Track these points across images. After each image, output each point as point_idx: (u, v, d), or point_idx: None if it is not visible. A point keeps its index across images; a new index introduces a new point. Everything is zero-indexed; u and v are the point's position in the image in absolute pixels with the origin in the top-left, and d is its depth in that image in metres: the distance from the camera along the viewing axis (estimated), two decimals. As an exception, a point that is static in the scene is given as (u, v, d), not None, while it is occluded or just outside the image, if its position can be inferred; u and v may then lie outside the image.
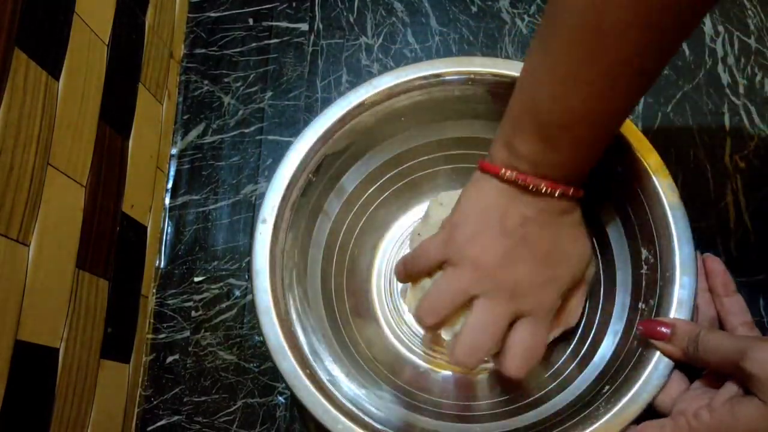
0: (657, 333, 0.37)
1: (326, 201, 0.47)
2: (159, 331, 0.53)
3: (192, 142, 0.58)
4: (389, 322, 0.50)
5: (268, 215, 0.42)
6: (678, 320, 0.37)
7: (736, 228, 0.51)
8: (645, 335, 0.37)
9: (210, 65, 0.60)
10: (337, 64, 0.59)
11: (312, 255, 0.46)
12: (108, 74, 0.47)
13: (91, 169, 0.45)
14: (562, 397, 0.41)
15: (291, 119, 0.58)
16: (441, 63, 0.44)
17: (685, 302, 0.38)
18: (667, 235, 0.39)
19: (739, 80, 0.55)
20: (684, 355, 0.36)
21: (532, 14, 0.59)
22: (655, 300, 0.39)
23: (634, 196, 0.41)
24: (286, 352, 0.39)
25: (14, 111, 0.37)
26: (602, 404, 0.37)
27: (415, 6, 0.60)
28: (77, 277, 0.43)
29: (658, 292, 0.39)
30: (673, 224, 0.39)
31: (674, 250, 0.39)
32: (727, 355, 0.33)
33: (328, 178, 0.46)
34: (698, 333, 0.35)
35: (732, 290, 0.39)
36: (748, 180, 0.52)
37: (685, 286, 0.38)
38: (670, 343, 0.36)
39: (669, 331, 0.36)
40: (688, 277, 0.38)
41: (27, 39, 0.38)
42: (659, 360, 0.37)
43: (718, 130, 0.53)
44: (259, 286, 0.40)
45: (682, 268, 0.38)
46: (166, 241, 0.56)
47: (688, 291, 0.38)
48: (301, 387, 0.38)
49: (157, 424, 0.51)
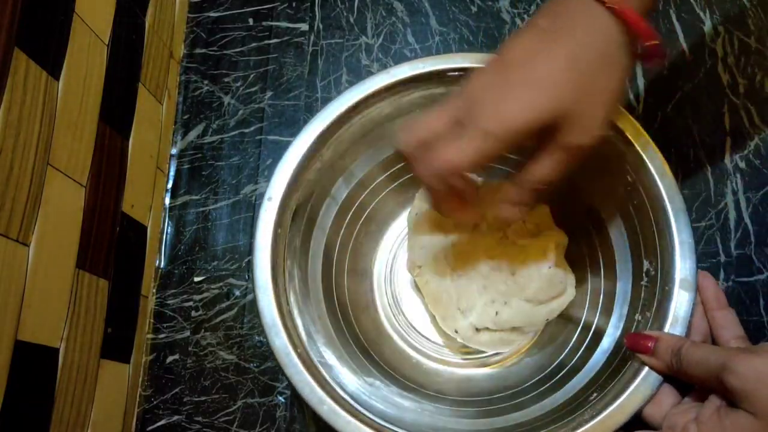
0: (640, 346, 0.37)
1: (334, 185, 0.47)
2: (159, 331, 0.53)
3: (192, 142, 0.58)
4: (386, 310, 0.50)
5: (274, 193, 0.42)
6: (663, 334, 0.37)
7: (736, 228, 0.51)
8: (630, 348, 0.37)
9: (210, 65, 0.60)
10: (337, 64, 0.59)
11: (316, 237, 0.46)
12: (108, 74, 0.47)
13: (91, 169, 0.45)
14: (549, 400, 0.42)
15: (291, 119, 0.58)
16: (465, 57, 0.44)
17: (681, 318, 0.38)
18: (669, 249, 0.39)
19: (739, 80, 0.55)
20: (668, 369, 0.36)
21: (531, 14, 0.59)
22: (651, 313, 0.39)
23: (642, 207, 0.41)
24: (279, 330, 0.39)
25: (14, 111, 0.37)
26: (588, 410, 0.37)
27: (415, 6, 0.60)
28: (77, 277, 0.43)
29: (655, 306, 0.39)
30: (677, 239, 0.39)
31: (675, 264, 0.39)
32: (709, 368, 0.33)
33: (338, 161, 0.46)
34: (681, 346, 0.35)
35: (724, 304, 0.39)
36: (748, 180, 0.52)
37: (682, 303, 0.38)
38: (654, 357, 0.36)
39: (652, 345, 0.36)
40: (687, 293, 0.38)
41: (27, 39, 0.38)
42: (648, 373, 0.37)
43: (718, 130, 0.53)
44: (260, 262, 0.40)
45: (682, 284, 0.38)
46: (166, 241, 0.56)
47: (686, 307, 0.38)
48: (290, 365, 0.38)
49: (157, 424, 0.51)
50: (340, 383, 0.39)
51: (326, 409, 0.37)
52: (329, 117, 0.43)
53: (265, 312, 0.39)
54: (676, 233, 0.39)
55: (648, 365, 0.37)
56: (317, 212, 0.46)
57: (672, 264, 0.39)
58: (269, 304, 0.39)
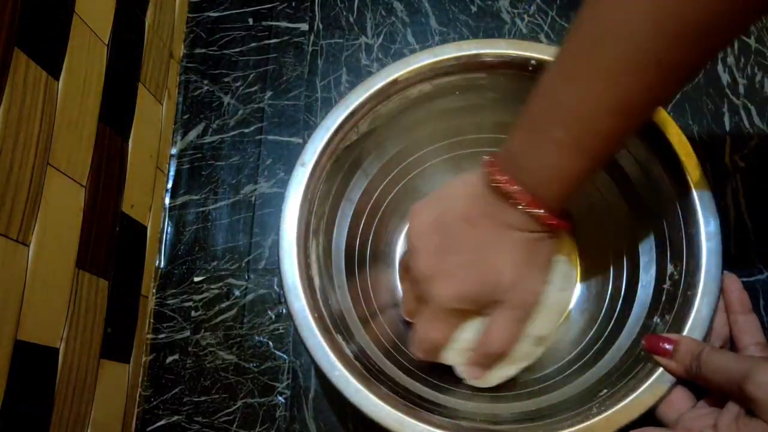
0: (659, 349, 0.36)
1: (367, 159, 0.47)
2: (159, 331, 0.53)
3: (192, 142, 0.58)
4: None
5: (308, 158, 0.42)
6: (683, 337, 0.37)
7: (736, 228, 0.51)
8: (648, 350, 0.37)
9: (210, 65, 0.60)
10: (337, 64, 0.59)
11: (343, 208, 0.46)
12: (108, 74, 0.47)
13: (91, 169, 0.45)
14: (557, 393, 0.41)
15: (291, 119, 0.58)
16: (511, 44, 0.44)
17: (700, 325, 0.37)
18: (696, 255, 0.38)
19: (739, 80, 0.55)
20: (686, 373, 0.35)
21: (531, 14, 0.59)
22: (671, 316, 0.39)
23: (672, 211, 0.41)
24: (299, 293, 0.39)
25: (14, 111, 0.37)
26: (596, 406, 0.37)
27: (415, 6, 0.60)
28: (77, 277, 0.43)
29: (676, 309, 0.38)
30: (704, 245, 0.38)
31: (701, 270, 0.38)
32: (729, 375, 0.33)
33: (373, 135, 0.46)
34: (702, 351, 0.35)
35: (748, 308, 0.39)
36: (748, 180, 0.52)
37: (703, 309, 0.37)
38: (673, 360, 0.36)
39: (671, 348, 0.36)
40: (709, 299, 0.37)
41: (27, 39, 0.38)
42: (662, 374, 0.36)
43: (718, 130, 0.53)
44: (286, 225, 0.40)
45: (705, 290, 0.37)
46: (166, 241, 0.56)
47: (706, 314, 0.37)
48: (306, 328, 0.38)
49: (157, 424, 0.51)
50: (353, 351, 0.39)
51: (338, 375, 0.37)
52: (370, 89, 0.43)
53: (287, 274, 0.39)
54: (704, 240, 0.38)
55: (665, 368, 0.36)
56: (347, 183, 0.46)
57: (698, 270, 0.38)
58: (292, 267, 0.39)
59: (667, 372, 0.36)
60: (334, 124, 0.43)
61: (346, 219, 0.46)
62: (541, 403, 0.41)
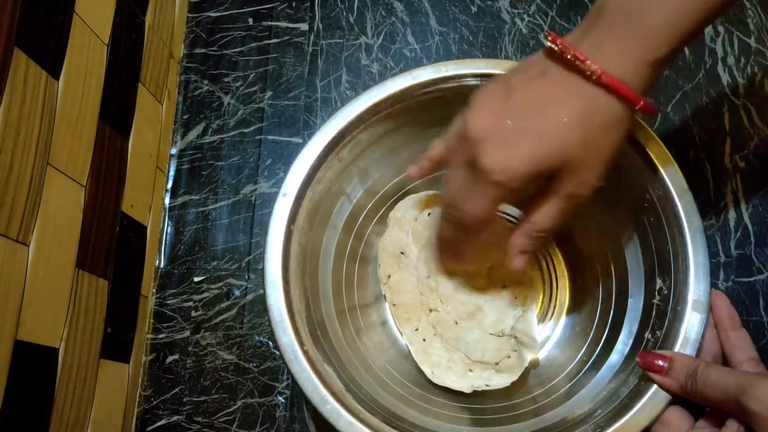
0: (654, 366, 0.36)
1: (349, 184, 0.47)
2: (159, 331, 0.53)
3: (192, 142, 0.58)
4: None
5: (289, 189, 0.42)
6: (677, 354, 0.36)
7: (736, 228, 0.51)
8: (642, 368, 0.37)
9: (210, 65, 0.60)
10: (337, 64, 0.59)
11: (328, 235, 0.46)
12: (108, 74, 0.47)
13: (91, 169, 0.45)
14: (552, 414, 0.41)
15: (291, 119, 0.58)
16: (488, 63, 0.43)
17: (692, 340, 0.37)
18: (684, 269, 0.38)
19: (739, 80, 0.55)
20: (682, 390, 0.35)
21: (531, 14, 0.59)
22: (662, 332, 0.38)
23: (659, 225, 0.41)
24: (287, 327, 0.39)
25: (14, 111, 0.37)
26: (590, 428, 0.37)
27: (415, 6, 0.60)
28: (77, 277, 0.43)
29: (666, 325, 0.38)
30: (692, 260, 0.38)
31: (689, 285, 0.38)
32: (726, 391, 0.32)
33: (354, 161, 0.46)
34: (697, 367, 0.34)
35: (738, 325, 0.38)
36: (748, 180, 0.52)
37: (693, 324, 0.37)
38: (668, 377, 0.36)
39: (666, 365, 0.36)
40: (699, 315, 0.37)
41: (27, 39, 0.38)
42: (656, 392, 0.36)
43: (718, 130, 0.53)
44: (271, 258, 0.40)
45: (694, 305, 0.37)
46: (166, 241, 0.56)
47: (697, 329, 0.37)
48: (295, 362, 0.38)
49: (157, 424, 0.51)
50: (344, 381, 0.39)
51: (329, 408, 0.37)
52: (348, 117, 0.43)
53: (273, 308, 0.39)
54: (692, 254, 0.38)
55: (661, 385, 0.36)
56: (331, 210, 0.46)
57: (686, 284, 0.38)
58: (278, 300, 0.39)
59: (663, 389, 0.36)
60: (314, 153, 0.42)
61: (331, 245, 0.46)
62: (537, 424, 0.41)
